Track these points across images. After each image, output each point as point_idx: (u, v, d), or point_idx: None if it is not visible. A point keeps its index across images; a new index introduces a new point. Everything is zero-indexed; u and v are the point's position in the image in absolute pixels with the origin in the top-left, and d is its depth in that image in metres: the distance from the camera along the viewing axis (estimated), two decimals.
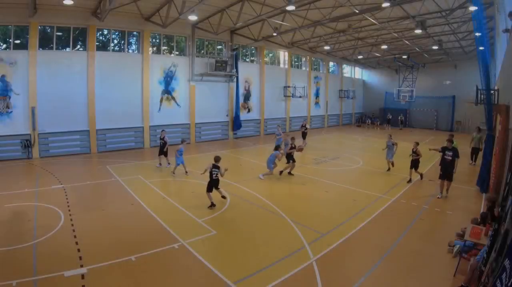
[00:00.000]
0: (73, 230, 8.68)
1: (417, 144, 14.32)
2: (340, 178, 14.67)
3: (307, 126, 24.38)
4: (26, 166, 16.43)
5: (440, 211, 10.72)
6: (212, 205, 10.47)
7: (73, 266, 6.83)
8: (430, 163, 17.19)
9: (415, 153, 14.05)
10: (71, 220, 9.38)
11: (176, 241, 8.20)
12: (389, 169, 16.12)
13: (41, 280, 6.33)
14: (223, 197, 11.07)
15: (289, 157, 15.09)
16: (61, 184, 12.98)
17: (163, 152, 15.95)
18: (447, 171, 11.79)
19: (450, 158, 11.72)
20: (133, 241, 8.17)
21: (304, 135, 23.66)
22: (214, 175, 10.64)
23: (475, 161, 17.99)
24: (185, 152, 19.96)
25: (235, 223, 9.72)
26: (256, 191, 12.52)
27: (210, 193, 10.62)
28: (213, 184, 10.73)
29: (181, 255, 7.57)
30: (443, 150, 11.96)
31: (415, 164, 14.16)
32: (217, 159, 10.88)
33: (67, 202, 10.93)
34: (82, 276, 6.48)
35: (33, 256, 7.26)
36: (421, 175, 14.58)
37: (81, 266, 6.85)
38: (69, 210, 10.16)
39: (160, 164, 16.33)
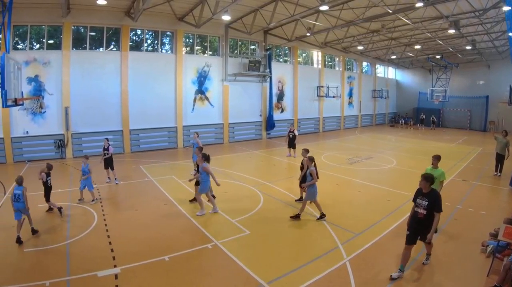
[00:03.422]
0: (107, 230, 8.62)
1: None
2: (373, 178, 14.30)
3: (295, 132, 19.31)
4: (59, 165, 16.50)
5: (474, 211, 10.38)
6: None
7: (106, 266, 6.79)
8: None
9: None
10: (104, 220, 9.33)
11: (209, 241, 8.08)
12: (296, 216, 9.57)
13: (74, 280, 6.30)
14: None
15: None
16: (95, 184, 12.91)
17: (109, 165, 13.39)
18: (418, 232, 6.49)
19: (423, 212, 6.33)
20: (166, 241, 8.06)
21: (291, 143, 19.11)
22: None
23: (500, 171, 14.86)
24: (219, 152, 19.98)
25: (268, 223, 9.43)
26: (289, 191, 12.30)
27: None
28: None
29: (215, 255, 7.46)
30: (414, 196, 6.64)
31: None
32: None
33: (101, 202, 10.90)
34: (116, 276, 6.41)
35: (66, 256, 7.23)
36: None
37: (115, 266, 6.81)
38: (103, 210, 10.12)
39: (109, 178, 13.42)
